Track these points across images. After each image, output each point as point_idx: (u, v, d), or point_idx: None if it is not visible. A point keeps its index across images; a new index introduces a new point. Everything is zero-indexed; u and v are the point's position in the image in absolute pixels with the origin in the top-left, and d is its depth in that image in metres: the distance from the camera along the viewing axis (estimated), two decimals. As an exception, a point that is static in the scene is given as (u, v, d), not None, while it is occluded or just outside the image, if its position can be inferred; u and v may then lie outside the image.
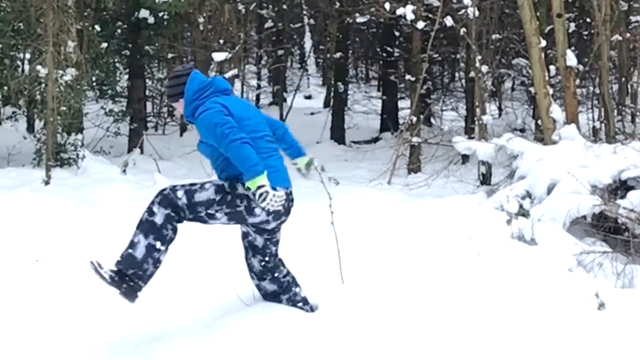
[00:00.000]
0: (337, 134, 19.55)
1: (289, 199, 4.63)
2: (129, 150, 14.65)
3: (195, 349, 4.49)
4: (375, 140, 19.43)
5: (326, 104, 24.34)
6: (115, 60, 14.99)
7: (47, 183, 10.17)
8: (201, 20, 18.39)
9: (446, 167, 12.04)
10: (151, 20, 14.34)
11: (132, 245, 4.44)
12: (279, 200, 4.34)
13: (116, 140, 15.67)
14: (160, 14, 13.83)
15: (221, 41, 12.73)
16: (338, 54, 19.87)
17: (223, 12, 12.57)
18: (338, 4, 18.17)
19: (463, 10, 12.45)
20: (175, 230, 4.51)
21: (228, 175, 4.53)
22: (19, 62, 13.97)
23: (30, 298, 5.38)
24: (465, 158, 13.44)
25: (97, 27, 12.64)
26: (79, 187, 10.30)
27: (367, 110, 21.90)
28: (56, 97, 10.38)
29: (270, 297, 4.96)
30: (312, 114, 24.36)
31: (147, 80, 17.57)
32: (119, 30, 15.43)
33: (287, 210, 4.64)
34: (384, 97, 20.80)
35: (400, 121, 19.17)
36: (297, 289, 5.00)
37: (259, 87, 24.94)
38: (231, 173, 4.49)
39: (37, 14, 10.64)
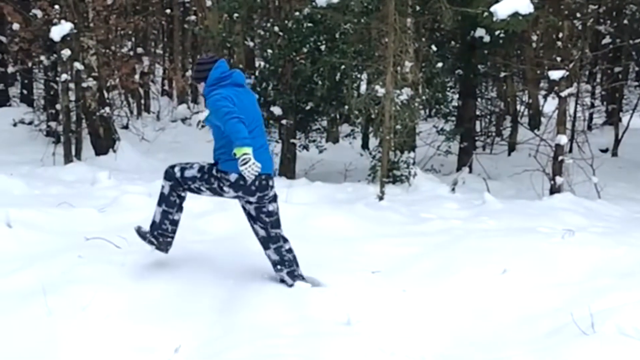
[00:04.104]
0: (685, 157, 18.10)
1: (263, 181, 5.68)
2: (458, 169, 14.76)
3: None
4: None
5: (669, 126, 22.64)
6: (448, 79, 15.19)
7: (381, 198, 10.50)
8: (534, 37, 18.06)
9: None
10: (487, 39, 14.35)
11: (154, 214, 5.92)
12: (255, 168, 5.24)
13: (446, 158, 15.87)
14: (497, 33, 13.78)
15: (558, 59, 12.29)
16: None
17: (562, 28, 12.15)
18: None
19: None
20: (180, 197, 5.87)
21: (220, 155, 5.71)
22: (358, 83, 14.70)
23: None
24: None
25: (433, 47, 12.89)
26: (410, 203, 10.53)
27: None
28: (392, 115, 10.72)
29: (273, 266, 5.96)
30: (651, 135, 22.82)
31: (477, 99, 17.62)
32: (453, 50, 15.65)
33: (259, 189, 5.69)
34: None
35: None
36: (298, 268, 5.97)
37: (592, 105, 23.92)
38: (222, 154, 5.66)
39: (378, 35, 11.07)
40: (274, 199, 5.94)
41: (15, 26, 16.23)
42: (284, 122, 14.48)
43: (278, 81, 14.48)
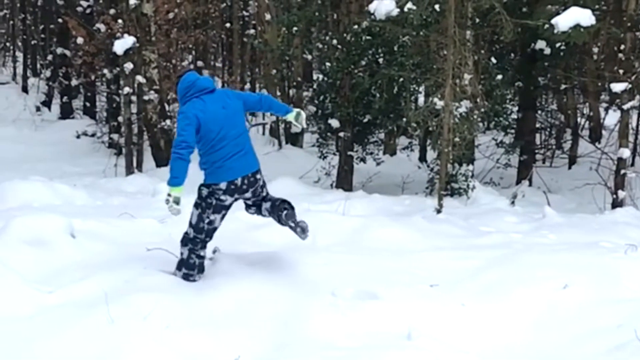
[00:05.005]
0: None
1: (251, 178, 6.00)
2: (518, 182, 14.59)
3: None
4: None
5: None
6: (507, 91, 15.05)
7: (439, 211, 10.42)
8: (595, 49, 17.77)
9: None
10: (547, 51, 14.18)
11: (175, 274, 6.14)
12: (175, 212, 5.82)
13: (506, 171, 15.72)
14: (557, 45, 13.62)
15: (620, 71, 12.09)
16: None
17: (624, 40, 11.96)
18: None
19: None
20: (200, 257, 6.10)
21: (203, 169, 6.01)
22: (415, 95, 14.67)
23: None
24: None
25: (493, 59, 12.80)
26: (468, 216, 10.43)
27: None
28: (451, 128, 10.66)
29: (284, 207, 6.20)
30: None
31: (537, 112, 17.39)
32: (513, 62, 15.50)
33: (250, 185, 6.02)
34: None
35: None
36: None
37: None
38: (206, 169, 5.98)
39: (437, 48, 11.04)
40: (264, 185, 6.30)
41: (80, 40, 16.66)
42: (341, 134, 14.51)
43: (336, 94, 14.52)
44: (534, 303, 5.83)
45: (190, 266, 6.11)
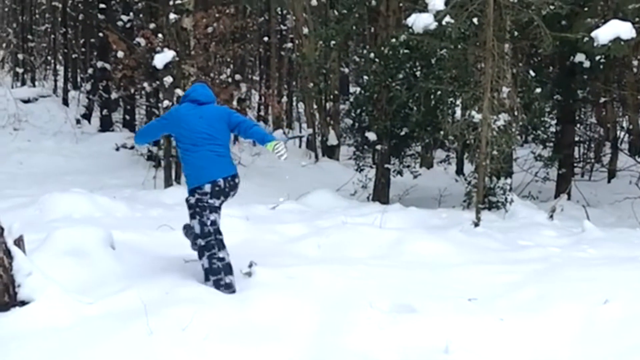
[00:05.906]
0: None
1: (231, 181, 6.35)
2: (556, 196, 14.47)
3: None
4: None
5: None
6: (546, 104, 14.96)
7: (476, 225, 10.37)
8: (635, 62, 17.58)
9: None
10: (587, 64, 14.06)
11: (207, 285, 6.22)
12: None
13: (544, 185, 15.59)
14: (597, 58, 13.50)
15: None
16: None
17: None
18: None
19: None
20: (220, 259, 6.20)
21: (186, 176, 6.45)
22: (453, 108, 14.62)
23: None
24: None
25: (531, 72, 12.72)
26: (506, 230, 10.38)
27: None
28: (489, 141, 10.61)
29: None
30: None
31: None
32: (551, 75, 15.39)
33: (232, 188, 6.39)
34: None
35: None
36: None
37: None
38: (188, 176, 6.41)
39: (475, 61, 11.00)
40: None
41: (120, 54, 16.85)
42: (378, 147, 14.51)
43: (373, 107, 14.53)
44: (573, 318, 5.76)
45: (216, 271, 6.22)
